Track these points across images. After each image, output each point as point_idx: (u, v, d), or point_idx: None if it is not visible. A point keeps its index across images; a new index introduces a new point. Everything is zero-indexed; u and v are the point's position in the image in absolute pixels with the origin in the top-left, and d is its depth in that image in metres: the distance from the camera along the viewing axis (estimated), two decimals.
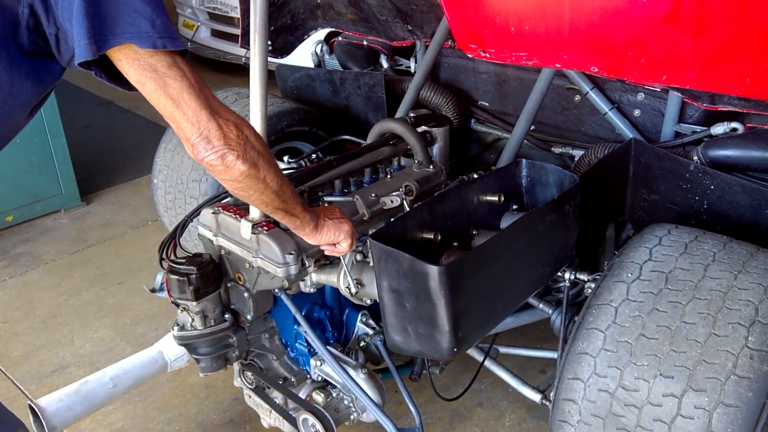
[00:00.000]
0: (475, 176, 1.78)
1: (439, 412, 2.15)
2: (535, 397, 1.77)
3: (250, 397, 1.83)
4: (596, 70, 0.99)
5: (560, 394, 1.42)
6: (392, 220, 1.44)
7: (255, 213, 1.51)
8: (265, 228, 1.47)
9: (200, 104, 1.02)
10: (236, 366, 1.80)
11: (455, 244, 1.51)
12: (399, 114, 2.36)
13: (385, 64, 2.84)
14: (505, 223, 1.63)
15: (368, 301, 1.57)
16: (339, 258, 1.51)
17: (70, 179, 3.46)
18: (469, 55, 1.01)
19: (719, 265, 1.39)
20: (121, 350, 2.44)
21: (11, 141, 1.16)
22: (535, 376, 2.26)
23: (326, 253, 1.47)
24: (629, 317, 1.36)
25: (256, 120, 1.45)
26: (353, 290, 1.50)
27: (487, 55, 0.98)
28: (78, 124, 4.47)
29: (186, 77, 1.01)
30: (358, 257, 1.53)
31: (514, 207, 1.67)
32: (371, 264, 1.50)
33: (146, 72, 0.98)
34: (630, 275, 1.43)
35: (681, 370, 1.27)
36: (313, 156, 2.42)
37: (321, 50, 2.98)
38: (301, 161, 2.36)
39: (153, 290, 2.11)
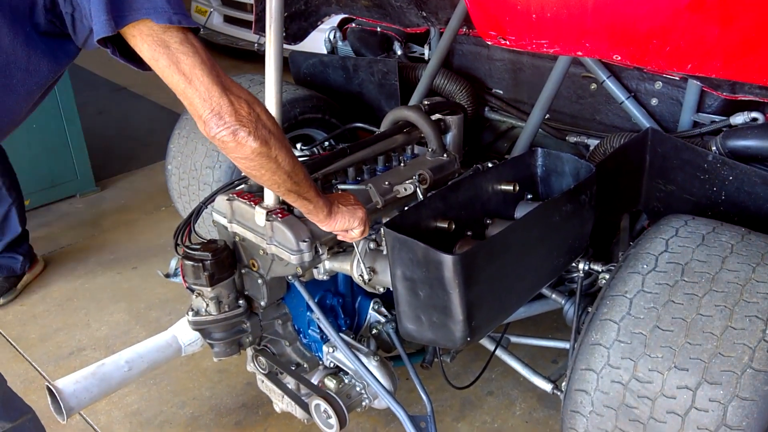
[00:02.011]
0: (490, 165, 1.77)
1: (449, 399, 2.17)
2: (547, 386, 1.77)
3: (263, 382, 1.85)
4: (619, 58, 0.97)
5: (573, 384, 1.42)
6: (406, 208, 1.44)
7: (270, 200, 1.51)
8: (280, 215, 1.48)
9: (212, 80, 1.02)
10: (249, 351, 1.81)
11: (469, 233, 1.50)
12: (413, 101, 2.34)
13: (398, 51, 2.82)
14: (519, 212, 1.62)
15: (381, 289, 1.57)
16: (352, 246, 1.51)
17: (85, 165, 3.49)
18: (488, 42, 0.99)
19: (737, 257, 1.37)
20: (136, 334, 2.47)
21: (22, 125, 1.17)
22: (547, 366, 2.26)
23: (339, 238, 1.47)
24: (644, 309, 1.35)
25: (271, 106, 1.45)
26: (366, 278, 1.50)
27: (507, 42, 0.96)
28: (91, 110, 4.50)
29: (198, 53, 1.01)
30: (372, 245, 1.53)
31: (529, 196, 1.66)
32: (384, 252, 1.50)
33: (159, 48, 0.99)
34: (645, 266, 1.42)
35: (696, 363, 1.26)
36: (326, 143, 2.42)
37: (334, 37, 2.97)
38: (314, 149, 2.36)
39: (167, 275, 2.12)
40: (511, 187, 1.56)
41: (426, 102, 1.92)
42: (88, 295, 2.74)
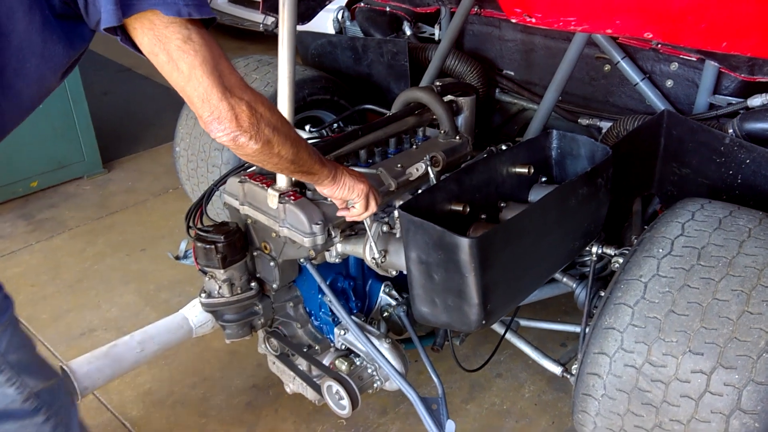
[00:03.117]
0: (504, 147, 1.75)
1: (458, 382, 2.17)
2: (556, 370, 1.77)
3: (274, 363, 1.86)
4: (651, 36, 0.94)
5: (585, 368, 1.42)
6: (420, 191, 1.43)
7: (282, 182, 1.50)
8: (292, 197, 1.47)
9: (212, 82, 0.99)
10: (261, 333, 1.82)
11: (483, 216, 1.49)
12: (424, 83, 2.31)
13: (408, 31, 2.78)
14: (533, 195, 1.60)
15: (393, 273, 1.57)
16: (365, 229, 1.50)
17: (92, 146, 3.47)
18: (513, 20, 0.97)
19: (755, 241, 1.36)
20: (146, 315, 2.48)
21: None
22: (555, 349, 2.26)
23: (347, 219, 1.46)
24: (659, 293, 1.35)
25: (284, 87, 1.43)
26: (379, 261, 1.49)
27: (534, 20, 0.93)
28: (97, 91, 4.47)
29: (200, 52, 0.98)
30: (384, 228, 1.52)
31: (543, 179, 1.64)
32: (397, 235, 1.49)
33: (159, 43, 0.96)
34: (661, 250, 1.40)
35: (711, 347, 1.26)
36: (335, 125, 2.40)
37: (342, 16, 2.92)
38: (323, 131, 2.34)
39: (177, 257, 2.13)
40: (526, 170, 1.54)
41: (438, 83, 1.89)
42: (98, 277, 2.75)
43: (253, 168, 1.63)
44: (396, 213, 1.45)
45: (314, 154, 1.27)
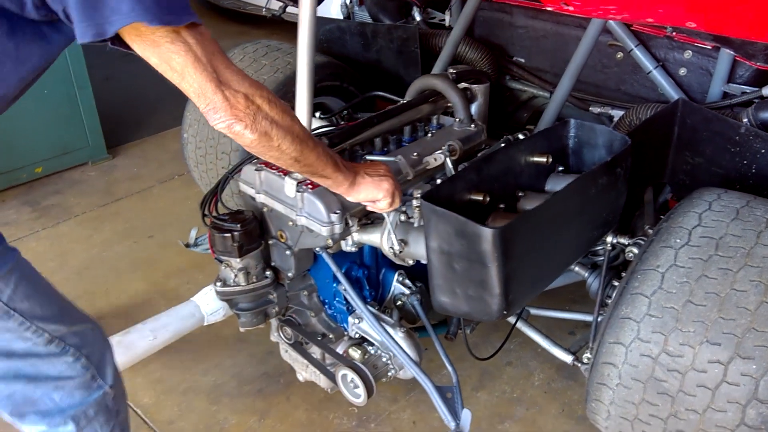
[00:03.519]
0: (521, 137, 1.74)
1: (468, 369, 2.19)
2: (567, 358, 1.78)
3: (286, 351, 1.86)
4: (694, 25, 0.93)
5: (600, 357, 1.43)
6: (440, 181, 1.42)
7: None
8: (310, 186, 1.46)
9: (205, 78, 1.01)
10: (274, 321, 1.82)
11: (501, 206, 1.49)
12: (436, 70, 2.30)
13: (417, 17, 2.75)
14: (551, 184, 1.60)
15: (410, 262, 1.56)
16: (382, 217, 1.49)
17: (96, 132, 3.45)
18: (549, 8, 0.95)
19: None
20: (156, 302, 2.48)
21: (33, 92, 1.16)
22: (563, 337, 2.27)
23: (368, 208, 1.46)
24: (676, 283, 1.35)
25: (303, 72, 1.42)
26: (397, 251, 1.49)
27: (572, 8, 0.92)
28: (98, 76, 4.42)
29: (191, 51, 0.98)
30: (402, 218, 1.52)
31: (560, 168, 1.64)
32: (415, 224, 1.49)
33: (149, 47, 0.97)
34: (678, 240, 1.40)
35: (729, 338, 1.26)
36: (344, 112, 2.38)
37: (351, 1, 2.89)
38: (333, 118, 2.33)
39: (187, 245, 2.13)
40: (544, 159, 1.53)
41: (452, 70, 1.87)
42: (106, 264, 2.74)
43: None
44: (414, 202, 1.45)
45: (326, 156, 1.25)
